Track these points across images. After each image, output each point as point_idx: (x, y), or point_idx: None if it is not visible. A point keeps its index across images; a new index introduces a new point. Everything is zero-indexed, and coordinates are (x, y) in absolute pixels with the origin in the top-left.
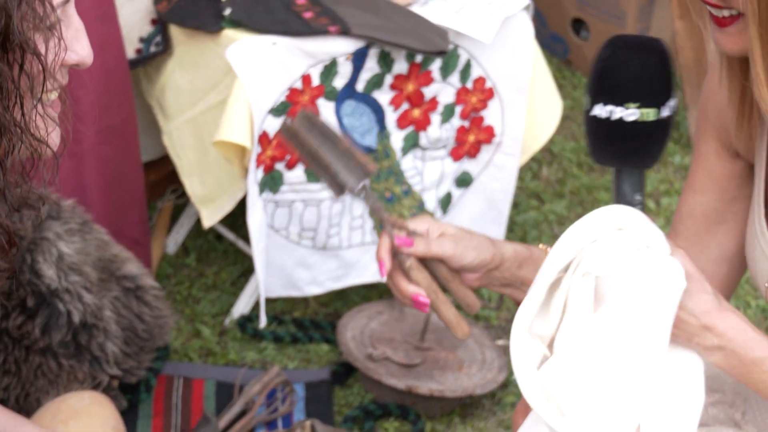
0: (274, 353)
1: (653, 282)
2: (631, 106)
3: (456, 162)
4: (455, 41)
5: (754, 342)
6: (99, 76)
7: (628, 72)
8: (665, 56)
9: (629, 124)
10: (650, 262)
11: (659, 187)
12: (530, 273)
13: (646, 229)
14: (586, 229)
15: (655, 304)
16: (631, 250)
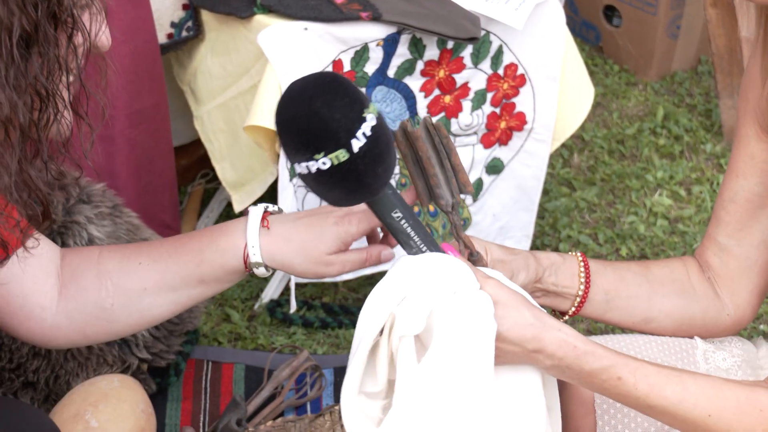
0: (304, 338)
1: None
2: (319, 156)
3: (487, 149)
4: (487, 27)
5: (587, 356)
6: (130, 60)
7: (300, 128)
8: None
9: (330, 171)
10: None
11: (690, 175)
12: (567, 279)
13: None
14: (391, 292)
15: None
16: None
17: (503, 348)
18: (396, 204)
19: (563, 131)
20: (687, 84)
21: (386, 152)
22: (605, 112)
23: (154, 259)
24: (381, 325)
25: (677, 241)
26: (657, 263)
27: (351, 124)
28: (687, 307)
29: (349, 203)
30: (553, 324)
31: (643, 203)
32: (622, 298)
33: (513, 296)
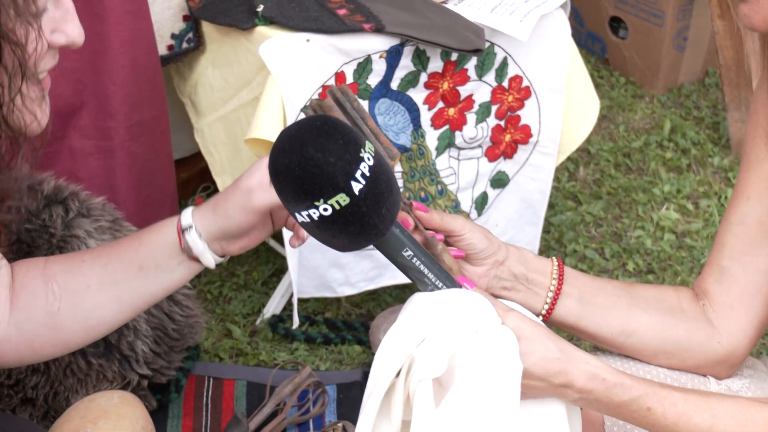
0: (306, 354)
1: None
2: (319, 203)
3: (492, 162)
4: (491, 39)
5: (616, 388)
6: (130, 72)
7: (295, 176)
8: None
9: (333, 217)
10: (481, 347)
11: (698, 188)
12: (537, 276)
13: (469, 310)
14: (409, 333)
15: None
16: (461, 341)
17: (528, 384)
18: (405, 242)
19: (569, 144)
20: (694, 96)
21: (388, 190)
22: (611, 125)
23: (96, 255)
24: (399, 367)
25: (685, 255)
26: (644, 285)
27: (348, 166)
28: (672, 325)
29: (357, 247)
30: (579, 356)
31: (650, 217)
32: (599, 306)
33: (537, 329)
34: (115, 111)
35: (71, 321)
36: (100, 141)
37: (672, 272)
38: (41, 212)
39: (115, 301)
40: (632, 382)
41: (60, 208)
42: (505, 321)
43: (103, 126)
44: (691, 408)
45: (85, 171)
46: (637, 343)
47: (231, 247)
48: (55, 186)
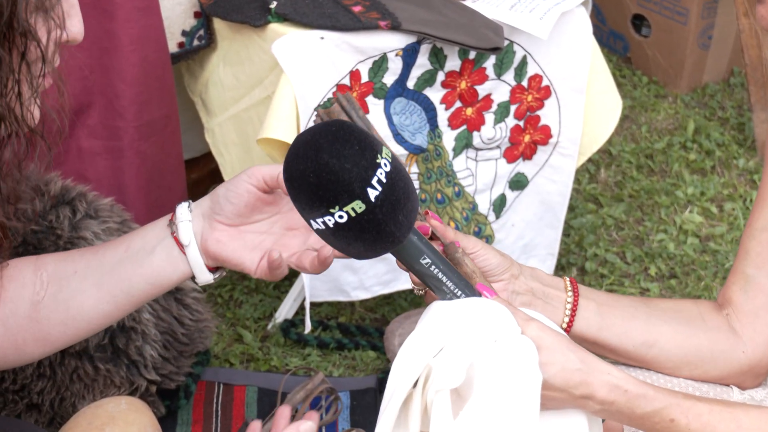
0: (319, 360)
1: (507, 378)
2: (334, 210)
3: (510, 163)
4: (510, 37)
5: (638, 399)
6: (139, 71)
7: (310, 183)
8: (340, 137)
9: (348, 224)
10: (500, 358)
11: (722, 191)
12: (552, 290)
13: (488, 319)
14: (427, 343)
15: (513, 398)
16: (479, 351)
17: (548, 395)
18: (423, 250)
19: (590, 145)
20: (719, 96)
21: (405, 197)
22: (633, 126)
23: (91, 247)
24: (416, 377)
25: (708, 260)
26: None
27: (364, 173)
28: (692, 334)
29: (373, 255)
30: (601, 367)
31: (672, 221)
32: (618, 316)
33: (557, 339)
34: (124, 110)
35: (53, 311)
36: (109, 141)
37: (695, 277)
38: (48, 213)
39: (95, 286)
40: (655, 393)
41: (67, 209)
42: (525, 331)
43: (112, 125)
44: (716, 419)
45: (93, 171)
46: (658, 354)
47: (212, 234)
48: (62, 186)
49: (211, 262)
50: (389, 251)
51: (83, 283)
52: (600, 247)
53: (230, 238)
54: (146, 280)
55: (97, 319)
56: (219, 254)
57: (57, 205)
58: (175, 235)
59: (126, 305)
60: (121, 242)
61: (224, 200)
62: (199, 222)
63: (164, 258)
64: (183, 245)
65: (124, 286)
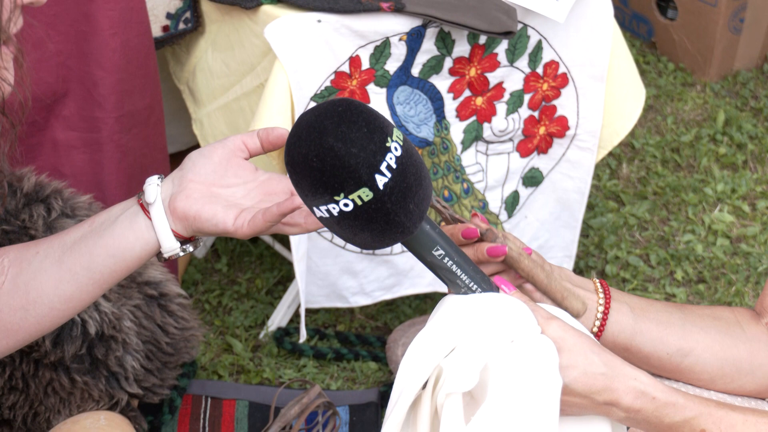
0: (315, 371)
1: (524, 383)
2: (339, 197)
3: (524, 158)
4: (524, 20)
5: (667, 408)
6: (120, 56)
7: (313, 168)
8: (347, 118)
9: (354, 213)
10: (516, 360)
11: (755, 188)
12: (582, 292)
13: (505, 317)
14: (438, 341)
15: (530, 404)
16: (494, 352)
17: (569, 401)
18: (436, 240)
19: (610, 138)
20: (751, 85)
21: (417, 184)
22: (658, 117)
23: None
24: (425, 378)
25: (740, 263)
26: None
27: (372, 158)
28: (731, 344)
29: (381, 246)
30: (627, 372)
31: (701, 220)
32: (652, 321)
33: (580, 340)
34: (104, 100)
35: (12, 296)
36: (87, 133)
37: (726, 281)
38: (20, 212)
39: (56, 264)
40: (686, 402)
41: (41, 208)
42: (545, 330)
43: (90, 116)
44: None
45: (69, 166)
46: (694, 364)
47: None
48: (36, 183)
49: (179, 225)
50: (399, 242)
51: (44, 263)
52: (621, 248)
53: (201, 195)
54: (107, 252)
55: (59, 303)
56: (188, 210)
57: (30, 203)
58: (141, 201)
59: (88, 285)
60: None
61: (198, 156)
62: (168, 185)
63: (126, 225)
64: (147, 205)
65: (84, 261)
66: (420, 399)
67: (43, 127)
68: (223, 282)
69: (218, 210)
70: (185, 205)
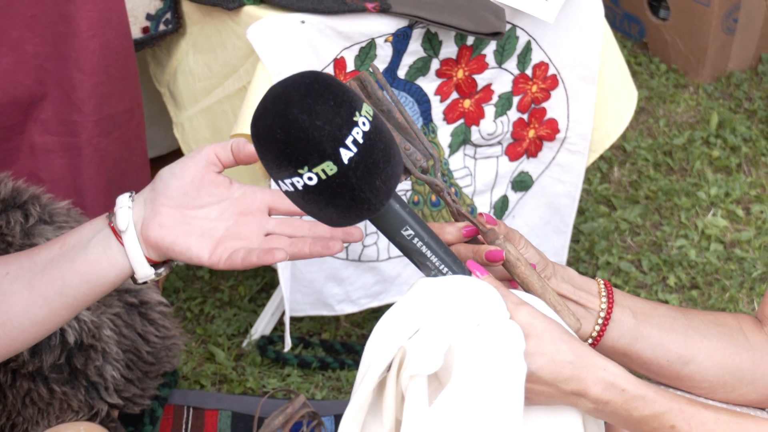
0: (300, 381)
1: (486, 367)
2: (303, 171)
3: (513, 161)
4: (513, 21)
5: (636, 401)
6: (99, 59)
7: (277, 140)
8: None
9: (319, 187)
10: (481, 344)
11: (749, 192)
12: (584, 294)
13: (473, 300)
14: (402, 322)
15: (493, 389)
16: (459, 335)
17: (534, 389)
18: (406, 220)
19: (601, 141)
20: (745, 86)
21: (385, 161)
22: (650, 119)
23: (27, 250)
24: (389, 360)
25: (734, 268)
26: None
27: (338, 131)
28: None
29: (347, 222)
30: (596, 362)
31: (694, 225)
32: (654, 326)
33: (549, 327)
34: (82, 103)
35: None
36: (65, 137)
37: (719, 287)
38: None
39: (27, 288)
40: (656, 396)
41: (18, 214)
42: (514, 316)
43: (69, 120)
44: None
45: (47, 171)
46: (694, 372)
47: (154, 218)
48: (13, 188)
49: (152, 252)
50: (365, 219)
51: (14, 285)
52: (613, 254)
53: (175, 223)
54: (81, 278)
55: (30, 326)
56: (161, 241)
57: (7, 209)
58: (112, 224)
59: (61, 309)
60: (57, 240)
61: (169, 175)
62: (140, 208)
63: (100, 251)
64: (120, 232)
65: (57, 286)
66: (386, 381)
67: (21, 131)
68: (205, 289)
69: (192, 242)
70: (158, 235)
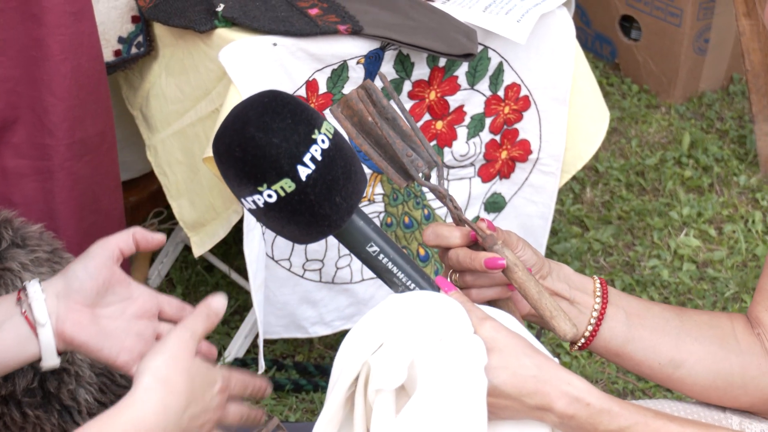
0: (273, 403)
1: (448, 381)
2: (262, 188)
3: (486, 183)
4: (484, 42)
5: (602, 415)
6: (71, 82)
7: (236, 158)
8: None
9: (279, 204)
10: (442, 358)
11: (722, 212)
12: (579, 294)
13: (437, 315)
14: (367, 337)
15: (454, 403)
16: (421, 350)
17: (499, 403)
18: (370, 236)
19: (574, 162)
20: (717, 106)
21: (345, 178)
22: (622, 140)
23: None
24: (354, 374)
25: (707, 288)
26: (696, 310)
27: (295, 149)
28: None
29: (310, 240)
30: (561, 376)
31: (666, 245)
32: (647, 328)
33: (513, 342)
34: (55, 126)
35: None
36: (38, 161)
37: (692, 307)
38: None
39: None
40: (621, 410)
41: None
42: (478, 330)
43: (41, 143)
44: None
45: (19, 194)
46: (685, 376)
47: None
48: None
49: (62, 345)
50: (327, 236)
51: None
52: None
53: (89, 322)
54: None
55: None
56: (76, 338)
57: None
58: (26, 314)
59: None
60: None
61: (84, 275)
62: (53, 302)
63: (12, 337)
64: (37, 325)
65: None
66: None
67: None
68: None
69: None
70: (74, 333)
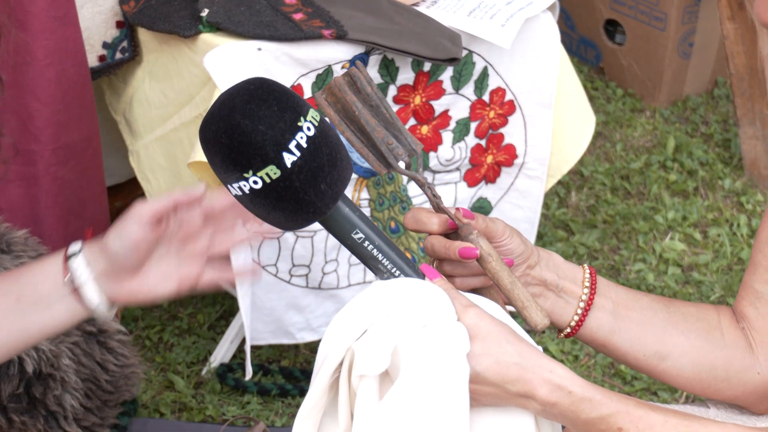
0: (260, 408)
1: (430, 368)
2: (248, 174)
3: (472, 187)
4: (469, 47)
5: (583, 403)
6: (56, 87)
7: (222, 144)
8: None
9: (264, 191)
10: (425, 345)
11: (707, 215)
12: (567, 283)
13: (420, 302)
14: (351, 323)
15: (436, 389)
16: (404, 336)
17: (481, 390)
18: (356, 223)
19: (559, 166)
20: (701, 110)
21: (330, 165)
22: (607, 144)
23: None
24: (338, 360)
25: (692, 291)
26: (684, 301)
27: (280, 136)
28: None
29: (296, 226)
30: (543, 364)
31: (651, 248)
32: (633, 320)
33: (496, 329)
34: (39, 132)
35: None
36: (23, 166)
37: None
38: None
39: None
40: (603, 398)
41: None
42: (461, 318)
43: (26, 149)
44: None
45: (5, 200)
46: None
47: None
48: None
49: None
50: (312, 222)
51: None
52: None
53: (139, 284)
54: (42, 332)
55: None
56: (131, 302)
57: None
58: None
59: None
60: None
61: (124, 253)
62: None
63: (64, 312)
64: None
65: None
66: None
67: None
68: (163, 317)
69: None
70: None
